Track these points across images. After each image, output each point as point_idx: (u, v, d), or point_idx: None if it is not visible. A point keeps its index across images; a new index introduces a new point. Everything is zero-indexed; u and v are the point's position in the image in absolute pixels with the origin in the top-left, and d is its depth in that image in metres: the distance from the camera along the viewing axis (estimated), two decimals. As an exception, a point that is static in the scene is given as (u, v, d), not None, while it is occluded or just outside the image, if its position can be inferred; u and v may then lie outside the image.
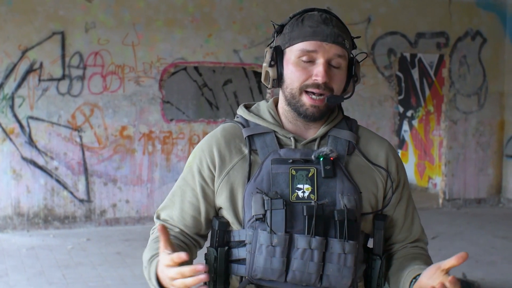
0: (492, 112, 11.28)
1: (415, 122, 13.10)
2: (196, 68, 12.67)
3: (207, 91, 13.14)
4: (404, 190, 2.23)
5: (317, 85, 2.04)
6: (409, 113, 13.25)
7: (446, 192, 11.08)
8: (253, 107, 2.24)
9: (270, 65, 2.12)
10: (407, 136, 13.34)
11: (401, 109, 13.25)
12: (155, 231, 2.19)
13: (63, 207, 9.20)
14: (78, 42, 9.16)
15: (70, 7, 9.09)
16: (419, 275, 1.99)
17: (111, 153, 9.35)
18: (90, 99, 9.26)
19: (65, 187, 9.19)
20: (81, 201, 9.27)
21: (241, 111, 2.22)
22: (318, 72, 2.03)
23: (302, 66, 2.06)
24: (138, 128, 9.44)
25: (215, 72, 13.02)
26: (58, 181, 9.17)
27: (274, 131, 2.14)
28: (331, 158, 2.05)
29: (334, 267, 1.99)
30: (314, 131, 2.16)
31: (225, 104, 13.30)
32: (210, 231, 2.18)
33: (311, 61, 2.05)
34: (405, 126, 13.36)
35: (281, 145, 2.12)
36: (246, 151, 2.12)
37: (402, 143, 13.35)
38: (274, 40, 2.17)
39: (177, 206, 2.19)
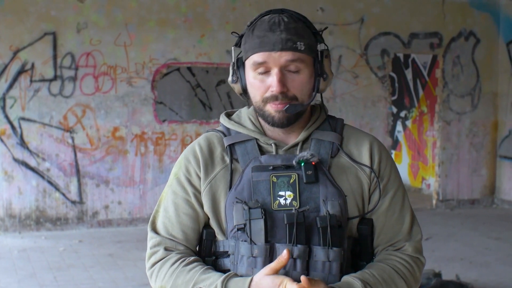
0: (485, 112, 11.27)
1: (408, 123, 13.09)
2: (189, 69, 12.62)
3: (200, 92, 13.09)
4: (390, 185, 2.10)
5: (275, 97, 1.98)
6: (402, 114, 13.24)
7: (439, 193, 11.06)
8: (234, 115, 2.18)
9: (233, 81, 2.08)
10: (400, 136, 13.32)
11: (394, 110, 13.23)
12: (171, 257, 2.06)
13: (55, 209, 9.15)
14: (70, 42, 9.11)
15: (62, 7, 9.04)
16: None
17: (103, 154, 9.30)
18: (82, 100, 9.21)
19: (57, 188, 9.14)
20: (73, 202, 9.22)
21: (222, 120, 2.17)
22: (272, 83, 1.97)
23: (259, 79, 2.00)
24: (131, 129, 9.39)
25: (208, 73, 12.97)
26: (50, 182, 9.11)
27: (256, 139, 2.08)
28: (313, 163, 1.99)
29: (318, 276, 1.92)
30: (295, 136, 2.09)
31: (218, 104, 13.25)
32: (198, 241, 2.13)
33: (267, 72, 1.99)
34: (399, 127, 13.34)
35: (263, 152, 2.06)
36: (228, 160, 2.06)
37: (395, 143, 13.33)
38: (233, 53, 2.10)
39: (174, 221, 2.09)
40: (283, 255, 1.81)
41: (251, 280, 1.88)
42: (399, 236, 2.09)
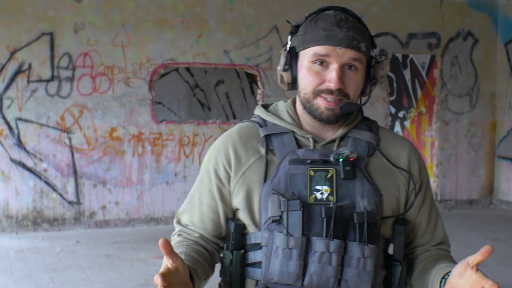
0: (484, 112, 11.26)
1: (407, 123, 13.07)
2: (187, 69, 12.62)
3: (199, 92, 13.09)
4: (427, 192, 2.17)
5: (330, 91, 1.99)
6: (401, 114, 13.22)
7: (437, 193, 11.05)
8: (271, 107, 2.19)
9: (284, 69, 2.08)
10: (399, 137, 13.30)
11: (393, 110, 13.22)
12: (174, 237, 2.17)
13: (52, 209, 9.14)
14: (67, 43, 9.10)
15: (59, 7, 9.03)
16: (447, 274, 1.92)
17: (101, 155, 9.29)
18: (79, 100, 9.20)
19: (54, 189, 9.13)
20: (71, 203, 9.21)
21: (258, 111, 2.17)
22: (331, 78, 1.98)
23: (315, 71, 2.00)
24: (128, 130, 9.38)
25: (207, 73, 12.97)
26: (47, 183, 9.10)
27: (292, 132, 2.09)
28: (351, 159, 2.00)
29: (353, 272, 1.93)
30: (333, 132, 2.10)
31: (217, 105, 13.25)
32: (226, 234, 2.14)
33: (325, 66, 2.00)
34: (397, 127, 13.32)
35: (299, 145, 2.07)
36: (263, 151, 2.07)
37: (394, 144, 13.31)
38: (288, 41, 2.11)
39: (196, 209, 2.15)
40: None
41: None
42: (438, 239, 2.18)
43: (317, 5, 9.93)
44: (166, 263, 1.80)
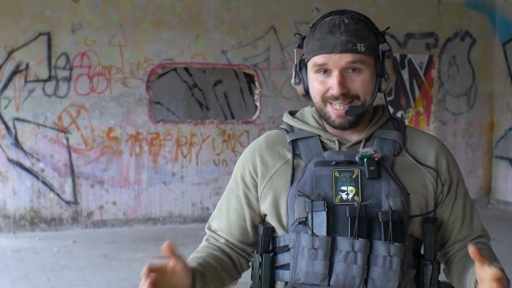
0: (481, 113, 11.27)
1: (405, 123, 13.06)
2: (186, 69, 12.62)
3: (197, 92, 13.09)
4: (459, 187, 2.16)
5: (335, 97, 2.01)
6: (399, 114, 13.22)
7: (435, 193, 11.04)
8: (297, 113, 2.22)
9: (296, 83, 2.14)
10: (397, 137, 13.30)
11: (391, 110, 13.19)
12: (202, 242, 2.23)
13: (50, 209, 9.14)
14: (64, 43, 9.10)
15: (56, 7, 9.03)
16: None
17: (98, 155, 9.29)
18: (77, 100, 9.20)
19: (51, 189, 9.13)
20: (68, 203, 9.21)
21: (285, 118, 2.21)
22: (332, 84, 2.00)
23: (319, 80, 2.03)
24: (125, 130, 9.38)
25: (205, 73, 12.97)
26: (44, 183, 9.10)
27: (318, 135, 2.11)
28: (376, 159, 2.00)
29: (379, 270, 1.93)
30: (358, 134, 2.11)
31: (215, 104, 13.25)
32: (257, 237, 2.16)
33: (328, 73, 2.02)
34: (395, 127, 13.32)
35: (325, 148, 2.09)
36: (289, 156, 2.10)
37: (392, 144, 13.31)
38: (295, 55, 2.15)
39: (224, 215, 2.19)
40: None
41: None
42: (476, 233, 2.17)
43: (314, 5, 9.98)
44: (169, 264, 1.86)
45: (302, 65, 2.11)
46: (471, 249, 1.77)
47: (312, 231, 1.94)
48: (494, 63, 11.25)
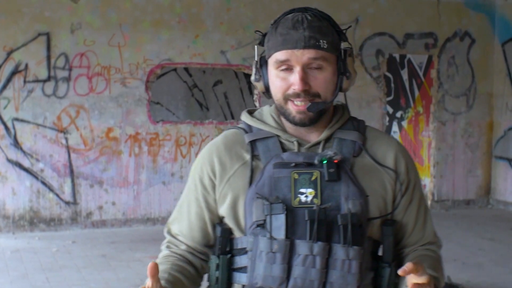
0: (481, 113, 11.27)
1: (404, 123, 13.06)
2: (186, 69, 12.63)
3: (197, 92, 13.09)
4: (416, 191, 2.13)
5: (297, 94, 1.98)
6: (398, 114, 13.22)
7: (434, 193, 11.06)
8: (256, 112, 2.18)
9: (256, 80, 2.09)
10: (396, 137, 13.29)
11: (390, 110, 13.22)
12: (163, 248, 2.18)
13: (49, 210, 9.14)
14: (63, 43, 9.10)
15: (55, 8, 9.03)
16: None
17: (97, 155, 9.30)
18: (76, 100, 9.20)
19: (51, 189, 9.13)
20: (67, 203, 9.21)
21: (243, 117, 2.17)
22: (294, 81, 1.97)
23: (281, 77, 2.00)
24: (125, 130, 9.38)
25: (205, 73, 12.98)
26: (43, 183, 9.11)
27: (277, 136, 2.08)
28: (335, 161, 1.98)
29: (337, 274, 1.92)
30: (317, 134, 2.08)
31: (215, 105, 13.25)
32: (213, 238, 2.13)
33: (290, 70, 1.99)
34: (395, 127, 13.32)
35: (284, 149, 2.05)
36: (247, 157, 2.06)
37: (391, 144, 13.30)
38: (256, 52, 2.12)
39: (184, 218, 2.15)
40: None
41: None
42: (427, 239, 2.16)
43: (313, 5, 9.96)
44: (148, 284, 1.83)
45: (262, 62, 2.07)
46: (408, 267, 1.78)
47: (271, 235, 1.92)
48: (494, 63, 11.25)
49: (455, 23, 10.98)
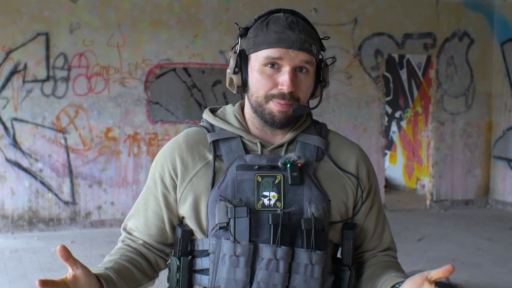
0: (479, 113, 11.27)
1: (403, 123, 13.09)
2: (185, 69, 12.63)
3: (196, 92, 13.09)
4: (375, 197, 2.16)
5: (282, 95, 1.96)
6: (397, 114, 13.24)
7: (433, 193, 11.06)
8: (219, 111, 2.16)
9: (234, 72, 2.03)
10: (395, 137, 13.32)
11: (389, 110, 13.23)
12: (118, 243, 2.16)
13: (48, 209, 9.15)
14: (62, 43, 9.11)
15: (54, 8, 9.04)
16: (398, 283, 1.92)
17: (96, 155, 9.30)
18: (75, 100, 9.21)
19: (49, 189, 9.14)
20: (66, 203, 9.22)
21: (206, 115, 2.14)
22: (283, 81, 1.95)
23: (267, 74, 1.97)
24: (123, 130, 9.39)
25: (204, 73, 12.98)
26: (42, 183, 9.11)
27: (240, 136, 2.06)
28: (299, 165, 1.98)
29: (300, 278, 1.92)
30: (281, 137, 2.08)
31: (214, 105, 13.20)
32: (174, 240, 2.11)
33: (277, 68, 1.97)
34: (394, 127, 13.34)
35: (247, 150, 2.04)
36: (210, 157, 2.04)
37: (390, 144, 13.33)
38: (238, 43, 2.07)
39: (141, 215, 2.12)
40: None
41: None
42: (385, 245, 2.18)
43: (312, 5, 9.98)
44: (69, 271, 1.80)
45: (243, 56, 2.03)
46: (449, 268, 1.77)
47: (235, 238, 1.90)
48: (492, 63, 11.26)
49: (454, 23, 10.98)
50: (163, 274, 2.15)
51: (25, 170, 9.06)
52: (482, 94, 11.26)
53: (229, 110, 2.14)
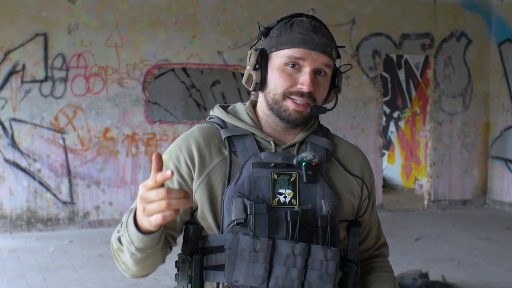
0: (477, 113, 11.29)
1: (401, 123, 13.10)
2: (184, 69, 12.65)
3: (195, 92, 13.12)
4: (373, 198, 2.25)
5: (301, 93, 2.01)
6: (395, 114, 13.26)
7: (431, 193, 11.08)
8: (229, 108, 2.18)
9: (255, 69, 2.06)
10: (393, 137, 13.34)
11: (387, 110, 13.25)
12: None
13: (46, 209, 9.17)
14: (61, 43, 9.13)
15: (53, 8, 9.06)
16: None
17: (94, 155, 9.32)
18: (73, 100, 9.23)
19: (48, 189, 9.16)
20: (64, 203, 9.23)
21: (218, 112, 2.15)
22: (304, 81, 2.01)
23: (287, 72, 2.02)
24: (122, 130, 9.41)
25: (203, 73, 13.00)
26: (41, 183, 9.13)
27: (253, 134, 2.09)
28: (313, 164, 2.03)
29: (316, 274, 1.96)
30: (292, 137, 2.12)
31: (213, 105, 13.15)
32: (183, 238, 2.09)
33: (297, 68, 2.02)
34: (392, 127, 13.36)
35: (260, 148, 2.07)
36: (226, 152, 2.06)
37: (388, 144, 13.35)
38: (258, 42, 2.12)
39: None
40: (167, 172, 1.69)
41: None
42: (380, 242, 2.31)
43: (310, 5, 10.00)
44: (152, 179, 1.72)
45: (263, 54, 2.07)
46: None
47: (254, 234, 1.93)
48: (490, 64, 11.28)
49: (452, 23, 11.01)
50: (161, 273, 2.16)
51: (23, 170, 9.08)
52: (479, 94, 11.28)
53: (241, 108, 2.17)
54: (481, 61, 11.24)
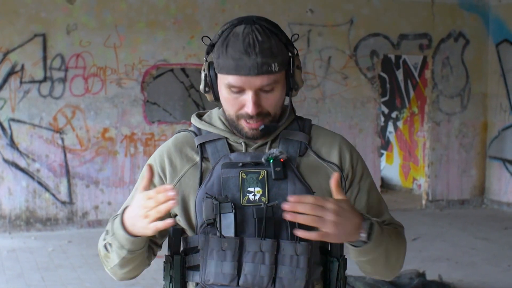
0: (475, 113, 11.31)
1: (399, 123, 13.12)
2: (183, 70, 12.67)
3: (194, 93, 13.13)
4: (363, 181, 2.19)
5: (249, 116, 2.03)
6: (394, 114, 13.27)
7: (429, 193, 11.10)
8: (205, 116, 2.22)
9: (205, 92, 2.13)
10: (392, 137, 13.36)
11: (386, 110, 13.27)
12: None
13: (45, 209, 9.19)
14: (59, 44, 9.15)
15: (51, 9, 9.08)
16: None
17: (93, 155, 9.34)
18: (72, 101, 9.25)
19: (47, 189, 9.18)
20: (63, 203, 9.26)
21: (193, 120, 2.21)
22: (247, 104, 2.02)
23: (232, 97, 2.04)
24: (120, 130, 9.43)
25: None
26: (40, 183, 9.15)
27: (226, 137, 2.13)
28: (281, 160, 2.04)
29: (286, 269, 1.97)
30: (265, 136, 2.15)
31: (212, 105, 13.10)
32: (167, 240, 2.16)
33: (241, 92, 2.03)
34: (390, 127, 13.37)
35: (232, 150, 2.11)
36: (197, 158, 2.11)
37: (387, 144, 13.37)
38: (205, 61, 2.12)
39: None
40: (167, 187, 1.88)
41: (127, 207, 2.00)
42: (382, 221, 2.17)
43: (308, 6, 10.03)
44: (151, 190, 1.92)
45: (212, 73, 2.09)
46: (332, 182, 1.93)
47: (221, 233, 1.97)
48: (488, 64, 11.30)
49: (449, 24, 11.03)
50: (160, 274, 2.20)
51: (22, 170, 9.10)
52: (477, 94, 11.30)
53: (215, 114, 2.21)
54: (479, 61, 11.26)
